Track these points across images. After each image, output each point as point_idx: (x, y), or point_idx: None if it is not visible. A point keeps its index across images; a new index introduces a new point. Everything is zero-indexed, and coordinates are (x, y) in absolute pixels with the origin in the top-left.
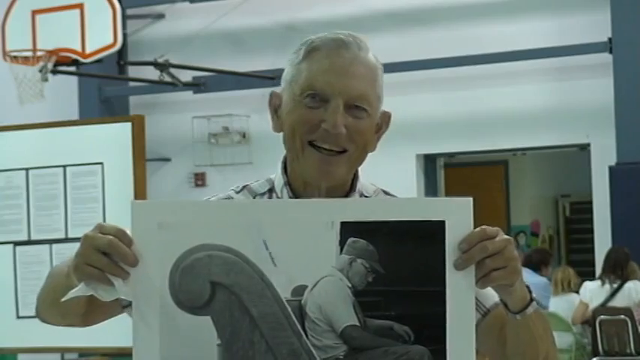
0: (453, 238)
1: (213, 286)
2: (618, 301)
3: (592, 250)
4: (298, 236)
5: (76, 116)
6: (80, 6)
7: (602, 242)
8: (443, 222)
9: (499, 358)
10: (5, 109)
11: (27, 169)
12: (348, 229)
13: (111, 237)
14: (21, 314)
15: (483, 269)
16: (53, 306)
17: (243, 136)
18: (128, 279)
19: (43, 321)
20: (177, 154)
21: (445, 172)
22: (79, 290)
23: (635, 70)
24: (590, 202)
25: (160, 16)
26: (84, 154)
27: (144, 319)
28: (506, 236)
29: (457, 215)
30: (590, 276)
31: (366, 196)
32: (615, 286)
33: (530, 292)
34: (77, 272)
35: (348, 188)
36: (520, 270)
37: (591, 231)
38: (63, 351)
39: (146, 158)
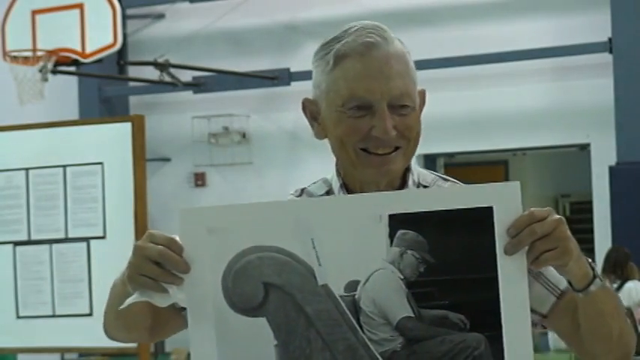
0: (501, 223)
1: (266, 287)
2: None
3: (592, 250)
4: (347, 231)
5: (76, 116)
6: (80, 6)
7: (602, 242)
8: (491, 208)
9: (575, 341)
10: (5, 109)
11: (27, 169)
12: (397, 221)
13: (161, 247)
14: (21, 314)
15: (534, 252)
16: (118, 319)
17: (243, 136)
18: (182, 285)
19: (112, 338)
20: (177, 154)
21: (445, 172)
22: (135, 298)
23: (635, 70)
24: (590, 202)
25: (160, 16)
26: (84, 154)
27: (200, 324)
28: (557, 216)
29: (505, 200)
30: None
31: (424, 186)
32: (615, 286)
33: (593, 269)
34: (131, 282)
35: (400, 180)
36: (572, 249)
37: (591, 231)
38: (63, 351)
39: (146, 158)
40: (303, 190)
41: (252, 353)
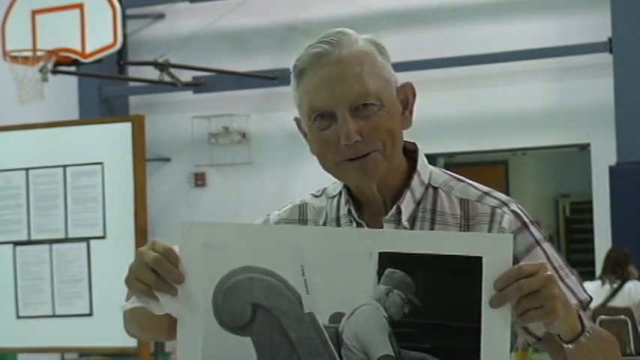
0: (490, 274)
1: (254, 307)
2: (618, 301)
3: (592, 250)
4: (337, 264)
5: (76, 116)
6: (80, 6)
7: (602, 242)
8: (480, 258)
9: None
10: (5, 109)
11: (27, 169)
12: (386, 260)
13: (158, 254)
14: (21, 314)
15: (519, 308)
16: (132, 319)
17: (243, 135)
18: (176, 296)
19: (131, 335)
20: (177, 154)
21: None
22: (133, 302)
23: (635, 70)
24: (590, 202)
25: (160, 16)
26: (84, 154)
27: (188, 336)
28: (547, 273)
29: (496, 251)
30: (591, 276)
31: (434, 187)
32: (615, 286)
33: (581, 322)
34: (128, 285)
35: (402, 180)
36: (557, 309)
37: (591, 231)
38: (63, 351)
39: (146, 158)
40: (324, 189)
41: None
